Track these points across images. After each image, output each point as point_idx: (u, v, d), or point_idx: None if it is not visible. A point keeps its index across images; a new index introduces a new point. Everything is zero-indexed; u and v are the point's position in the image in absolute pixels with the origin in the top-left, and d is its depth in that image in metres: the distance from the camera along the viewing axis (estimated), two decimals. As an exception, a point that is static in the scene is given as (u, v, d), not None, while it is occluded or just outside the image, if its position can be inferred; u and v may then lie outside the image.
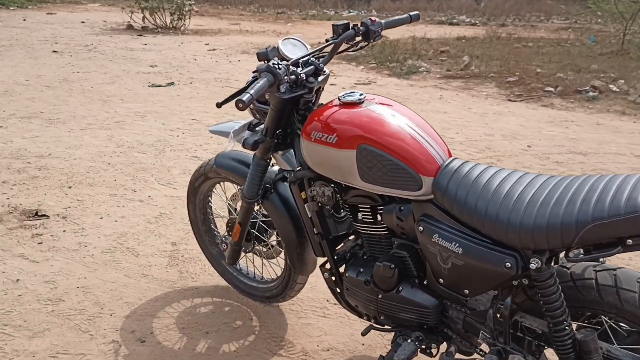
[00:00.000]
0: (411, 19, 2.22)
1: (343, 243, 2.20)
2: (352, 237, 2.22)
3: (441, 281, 1.82)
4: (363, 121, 1.83)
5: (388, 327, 2.06)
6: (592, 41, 12.36)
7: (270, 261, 2.63)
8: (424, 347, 1.94)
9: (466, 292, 1.78)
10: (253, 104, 2.14)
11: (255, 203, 2.30)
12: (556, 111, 6.71)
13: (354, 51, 2.16)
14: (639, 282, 1.56)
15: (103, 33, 12.78)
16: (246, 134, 2.17)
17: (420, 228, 1.79)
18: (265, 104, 2.10)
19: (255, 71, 2.02)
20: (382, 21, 2.13)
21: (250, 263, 2.75)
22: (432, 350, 1.95)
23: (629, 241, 1.44)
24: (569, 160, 4.92)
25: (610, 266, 1.63)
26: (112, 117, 5.92)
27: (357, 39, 2.11)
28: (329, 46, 2.05)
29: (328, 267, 2.17)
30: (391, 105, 1.92)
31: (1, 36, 11.48)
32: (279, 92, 1.90)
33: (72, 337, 2.44)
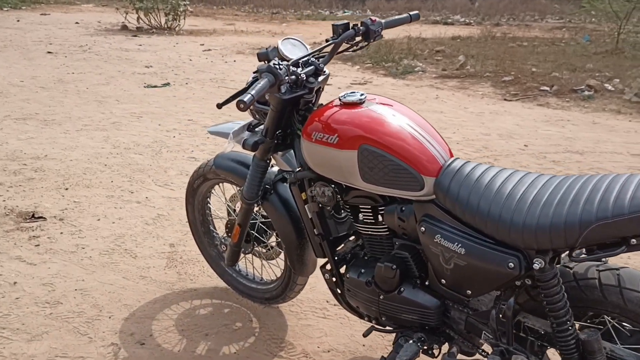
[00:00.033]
0: (411, 19, 2.21)
1: (343, 244, 2.19)
2: (353, 238, 2.21)
3: (443, 282, 1.82)
4: (364, 121, 1.82)
5: (389, 328, 2.05)
6: (587, 40, 12.39)
7: (269, 262, 2.62)
8: (426, 348, 1.94)
9: (469, 293, 1.77)
10: (253, 105, 2.13)
11: (255, 204, 2.29)
12: (552, 110, 6.72)
13: (354, 51, 2.15)
14: (643, 282, 1.56)
15: (97, 34, 12.73)
16: (245, 135, 2.16)
17: (422, 228, 1.78)
18: (265, 105, 2.09)
19: (255, 71, 2.02)
20: (382, 21, 2.12)
21: (249, 264, 2.74)
22: (434, 351, 1.95)
23: (633, 241, 1.43)
24: (566, 159, 4.93)
25: (613, 266, 1.63)
26: (108, 118, 5.89)
27: (357, 39, 2.10)
28: (329, 46, 2.04)
29: (329, 268, 2.16)
30: (392, 105, 1.91)
31: (-5, 37, 11.45)
32: (280, 93, 1.89)
33: (71, 340, 2.42)
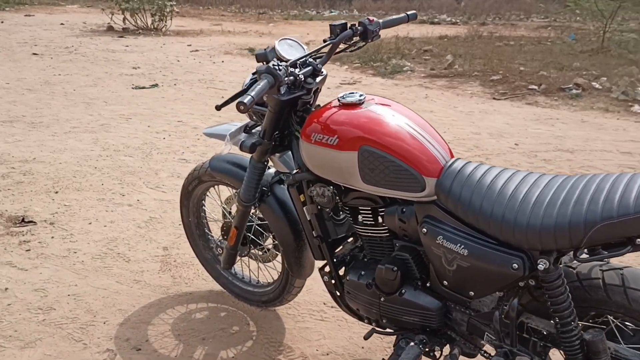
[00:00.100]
0: (409, 19, 2.20)
1: (342, 246, 2.17)
2: (351, 240, 2.19)
3: (445, 283, 1.80)
4: (364, 122, 1.80)
5: (390, 330, 2.04)
6: (572, 39, 12.47)
7: (266, 265, 2.59)
8: (427, 350, 1.92)
9: (471, 294, 1.76)
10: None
11: (252, 206, 2.27)
12: (541, 109, 6.75)
13: (352, 51, 2.13)
14: (647, 281, 1.55)
15: (83, 35, 12.60)
16: (242, 137, 2.14)
17: (423, 230, 1.76)
18: (262, 106, 2.06)
19: (254, 73, 1.99)
20: (380, 21, 2.11)
21: (245, 267, 2.71)
22: (436, 353, 1.94)
23: (638, 240, 1.43)
24: (556, 157, 4.94)
25: (616, 265, 1.62)
26: (97, 120, 5.83)
27: (355, 39, 2.08)
28: (327, 46, 2.03)
29: (327, 271, 2.14)
30: (391, 105, 1.90)
31: (-21, 39, 11.30)
32: (279, 94, 1.87)
33: (65, 347, 2.38)
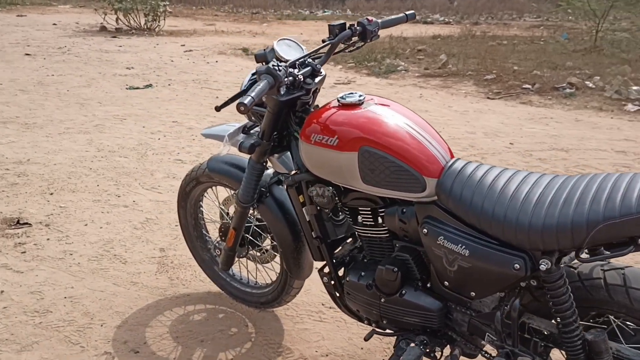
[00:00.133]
0: (407, 18, 2.19)
1: (341, 246, 2.16)
2: (350, 240, 2.19)
3: (446, 284, 1.80)
4: (364, 123, 1.80)
5: (390, 331, 2.03)
6: (565, 38, 12.51)
7: (264, 266, 2.58)
8: (428, 351, 1.92)
9: (472, 295, 1.75)
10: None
11: (250, 207, 2.26)
12: (535, 108, 6.77)
13: (351, 51, 2.13)
14: (649, 281, 1.55)
15: (76, 35, 12.55)
16: (241, 137, 2.13)
17: (424, 230, 1.76)
18: (261, 106, 2.05)
19: (254, 73, 1.98)
20: (379, 21, 2.10)
21: (243, 268, 2.70)
22: (436, 353, 1.93)
23: (641, 240, 1.43)
24: (552, 157, 4.95)
25: (618, 265, 1.62)
26: (91, 121, 5.80)
27: (354, 39, 2.08)
28: (326, 47, 2.02)
29: (327, 271, 2.13)
30: (391, 105, 1.89)
31: (-30, 39, 11.23)
32: (278, 95, 1.86)
33: (63, 350, 2.36)
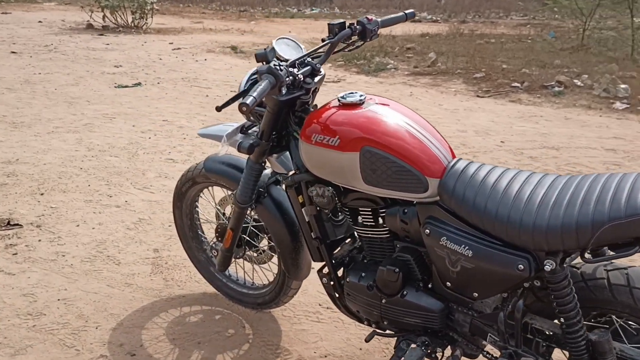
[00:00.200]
0: (407, 17, 2.18)
1: (340, 247, 2.15)
2: (349, 241, 2.17)
3: (448, 284, 1.79)
4: (366, 123, 1.78)
5: (391, 332, 2.02)
6: (552, 37, 12.58)
7: (261, 266, 2.56)
8: (429, 352, 1.91)
9: (475, 295, 1.75)
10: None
11: (248, 208, 2.24)
12: (524, 106, 6.80)
13: (350, 51, 2.11)
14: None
15: (62, 33, 12.42)
16: (239, 137, 2.11)
17: (426, 231, 1.75)
18: (260, 106, 2.03)
19: (253, 73, 1.97)
20: (379, 20, 2.09)
21: (239, 269, 2.67)
22: (437, 354, 1.92)
23: (646, 240, 1.43)
24: (542, 155, 4.97)
25: (621, 265, 1.62)
26: (80, 120, 5.73)
27: (353, 38, 2.06)
28: (325, 46, 2.00)
29: (326, 272, 2.11)
30: (391, 105, 1.88)
31: (-46, 37, 11.07)
32: (279, 94, 1.84)
33: (57, 353, 2.32)
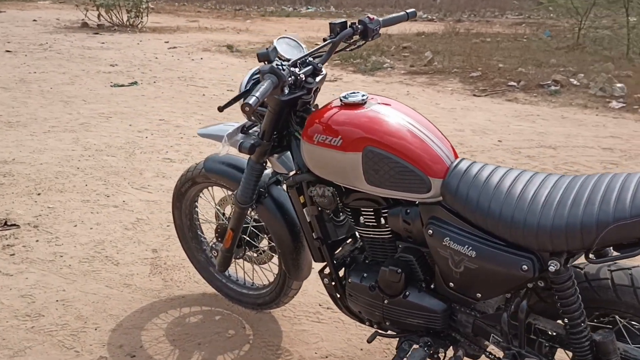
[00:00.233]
0: (408, 17, 2.18)
1: (341, 247, 2.14)
2: (350, 241, 2.16)
3: (451, 285, 1.78)
4: (368, 123, 1.78)
5: (393, 333, 2.01)
6: (547, 36, 12.61)
7: (261, 267, 2.55)
8: (432, 352, 1.90)
9: (478, 296, 1.74)
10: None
11: (249, 208, 2.23)
12: (521, 105, 6.80)
13: (351, 50, 2.11)
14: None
15: (57, 31, 12.36)
16: (240, 137, 2.09)
17: (429, 231, 1.74)
18: (261, 106, 2.02)
19: (255, 73, 1.96)
20: (380, 19, 2.09)
21: (239, 269, 2.66)
22: (440, 355, 1.92)
23: (651, 241, 1.42)
24: (540, 154, 4.98)
25: (624, 265, 1.62)
26: (76, 119, 5.70)
27: (355, 38, 2.06)
28: (327, 45, 1.99)
29: (327, 273, 2.10)
30: (394, 105, 1.87)
31: (-52, 36, 11.01)
32: (282, 94, 1.83)
33: (57, 355, 2.31)
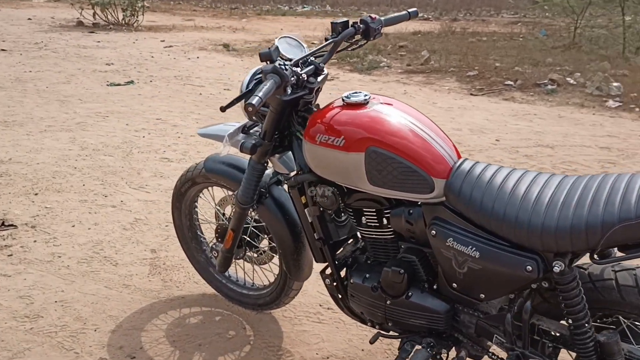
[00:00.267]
0: (410, 16, 2.17)
1: (342, 247, 2.13)
2: (351, 241, 2.16)
3: (455, 286, 1.78)
4: (371, 123, 1.77)
5: (395, 334, 2.01)
6: (543, 35, 12.63)
7: (261, 267, 2.54)
8: (434, 353, 1.90)
9: (482, 297, 1.73)
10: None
11: (250, 208, 2.21)
12: (518, 104, 6.81)
13: (353, 49, 2.10)
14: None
15: (52, 30, 12.31)
16: (241, 137, 2.08)
17: (432, 232, 1.73)
18: (263, 106, 2.00)
19: (256, 72, 1.95)
20: (382, 18, 2.08)
21: (239, 269, 2.65)
22: (442, 355, 1.91)
23: (657, 242, 1.42)
24: (538, 153, 4.98)
25: (629, 266, 1.62)
26: (72, 119, 5.67)
27: (357, 37, 2.04)
28: (329, 45, 1.98)
29: (329, 273, 2.10)
30: (396, 105, 1.86)
31: (-58, 34, 10.95)
32: (284, 94, 1.82)
33: (56, 357, 2.29)
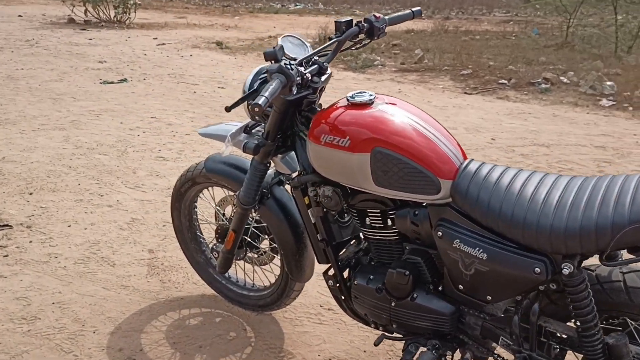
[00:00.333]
0: (414, 15, 2.16)
1: (345, 248, 2.12)
2: (354, 242, 2.14)
3: (461, 287, 1.76)
4: (376, 123, 1.75)
5: (399, 336, 1.99)
6: (536, 34, 12.66)
7: (262, 268, 2.52)
8: (439, 355, 1.88)
9: (489, 299, 1.72)
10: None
11: (252, 209, 2.19)
12: (512, 103, 6.81)
13: (357, 49, 2.08)
14: (669, 284, 1.54)
15: (44, 27, 12.20)
16: (243, 137, 2.06)
17: (439, 233, 1.72)
18: (265, 106, 1.98)
19: (259, 72, 1.93)
20: (386, 17, 2.06)
21: (239, 270, 2.63)
22: (447, 357, 1.90)
23: (667, 244, 1.41)
24: (533, 152, 4.98)
25: (637, 267, 1.61)
26: (66, 117, 5.62)
27: (361, 36, 2.03)
28: (332, 44, 1.96)
29: (332, 274, 2.08)
30: (402, 105, 1.85)
31: None
32: (289, 94, 1.80)
33: (55, 359, 2.26)
